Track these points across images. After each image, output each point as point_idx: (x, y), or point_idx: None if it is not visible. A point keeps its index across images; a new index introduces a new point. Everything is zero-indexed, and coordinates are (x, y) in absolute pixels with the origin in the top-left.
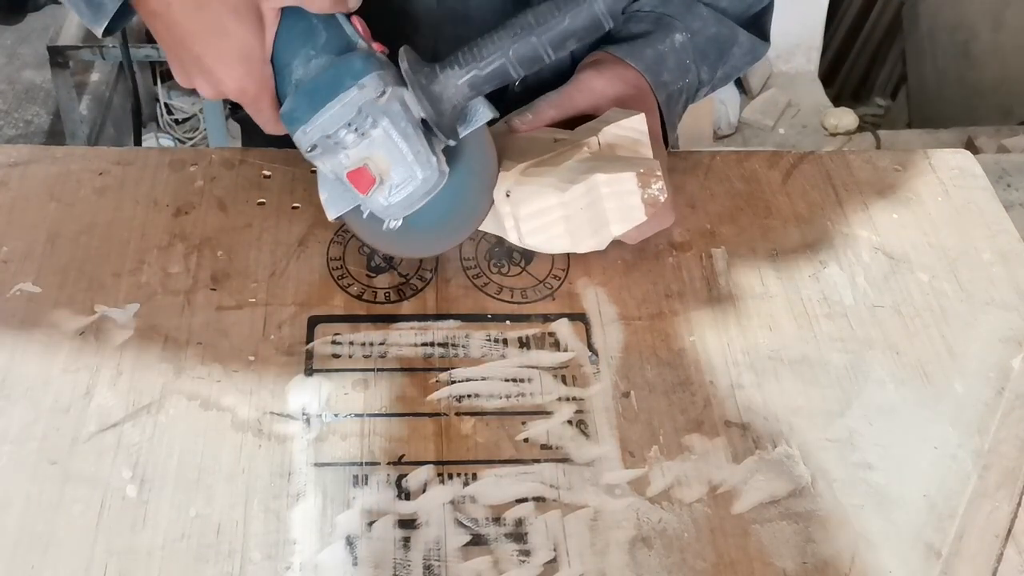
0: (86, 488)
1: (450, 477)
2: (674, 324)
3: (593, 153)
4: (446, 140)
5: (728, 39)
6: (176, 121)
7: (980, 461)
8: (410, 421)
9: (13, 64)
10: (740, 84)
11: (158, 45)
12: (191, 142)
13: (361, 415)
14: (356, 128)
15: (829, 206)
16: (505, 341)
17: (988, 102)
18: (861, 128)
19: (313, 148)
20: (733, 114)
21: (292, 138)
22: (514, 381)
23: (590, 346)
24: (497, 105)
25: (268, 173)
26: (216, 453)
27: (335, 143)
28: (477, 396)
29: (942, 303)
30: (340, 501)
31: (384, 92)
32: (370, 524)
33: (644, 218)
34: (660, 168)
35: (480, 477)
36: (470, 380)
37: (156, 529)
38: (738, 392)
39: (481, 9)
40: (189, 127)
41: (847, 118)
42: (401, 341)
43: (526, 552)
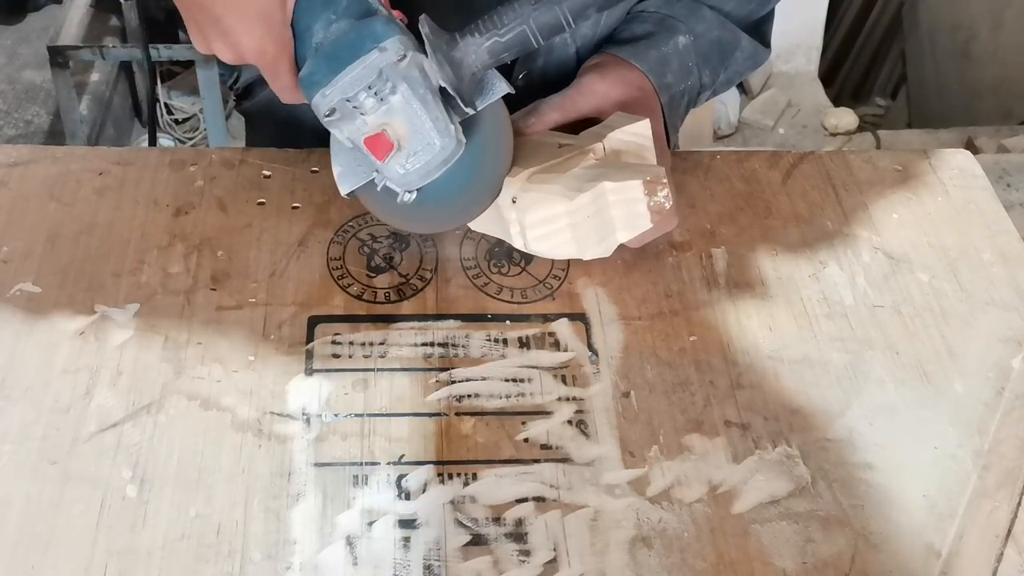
0: (86, 488)
1: (450, 477)
2: (674, 324)
3: (599, 160)
4: (465, 109)
5: (731, 43)
6: (176, 121)
7: (980, 461)
8: (410, 421)
9: (13, 64)
10: (740, 84)
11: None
12: (191, 142)
13: (361, 415)
14: (376, 92)
15: (829, 206)
16: (505, 341)
17: (988, 102)
18: (861, 128)
19: (332, 112)
20: (733, 114)
21: (311, 104)
22: (514, 381)
23: (590, 346)
24: None
25: (268, 173)
26: (216, 453)
27: (354, 107)
28: (477, 396)
29: (942, 303)
30: (340, 501)
31: (405, 56)
32: (370, 524)
33: (650, 225)
34: (666, 175)
35: (480, 477)
36: (470, 380)
37: (156, 529)
38: (738, 392)
39: None
40: (189, 127)
41: (847, 118)
42: (401, 341)
43: (526, 552)
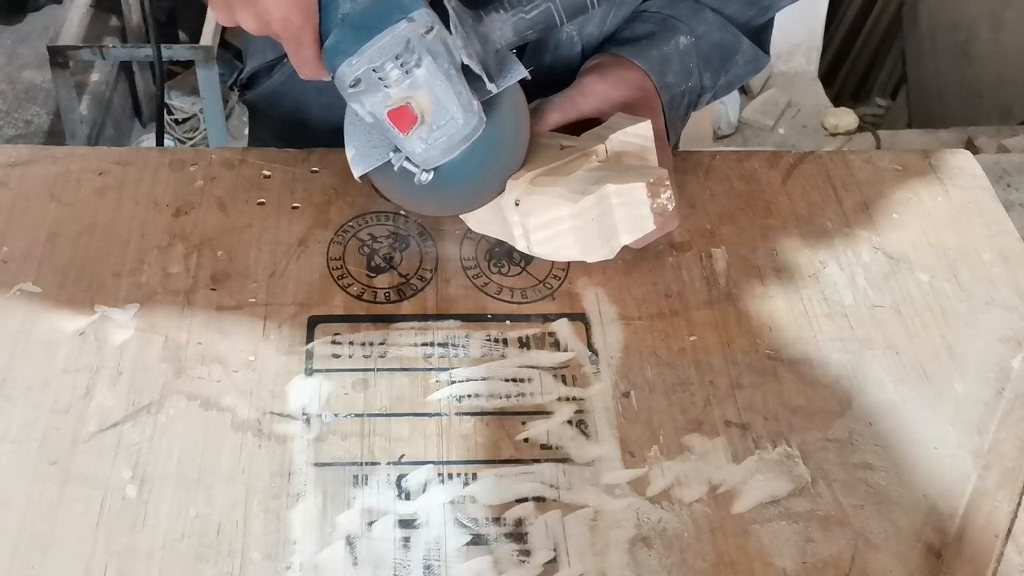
0: (86, 488)
1: (450, 477)
2: (674, 324)
3: (601, 161)
4: (488, 86)
5: (732, 46)
6: (176, 121)
7: (980, 461)
8: (410, 421)
9: (13, 64)
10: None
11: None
12: (191, 142)
13: (361, 415)
14: (403, 64)
15: (829, 206)
16: (505, 341)
17: (988, 102)
18: (861, 128)
19: (356, 83)
20: (733, 114)
21: (333, 76)
22: (514, 381)
23: (590, 346)
24: None
25: (268, 173)
26: (216, 453)
27: (379, 78)
28: (477, 396)
29: (942, 303)
30: (340, 501)
31: (432, 29)
32: (370, 524)
33: (653, 227)
34: (669, 177)
35: (480, 477)
36: (470, 380)
37: (156, 529)
38: (738, 392)
39: None
40: (189, 127)
41: (847, 118)
42: (401, 341)
43: (526, 552)
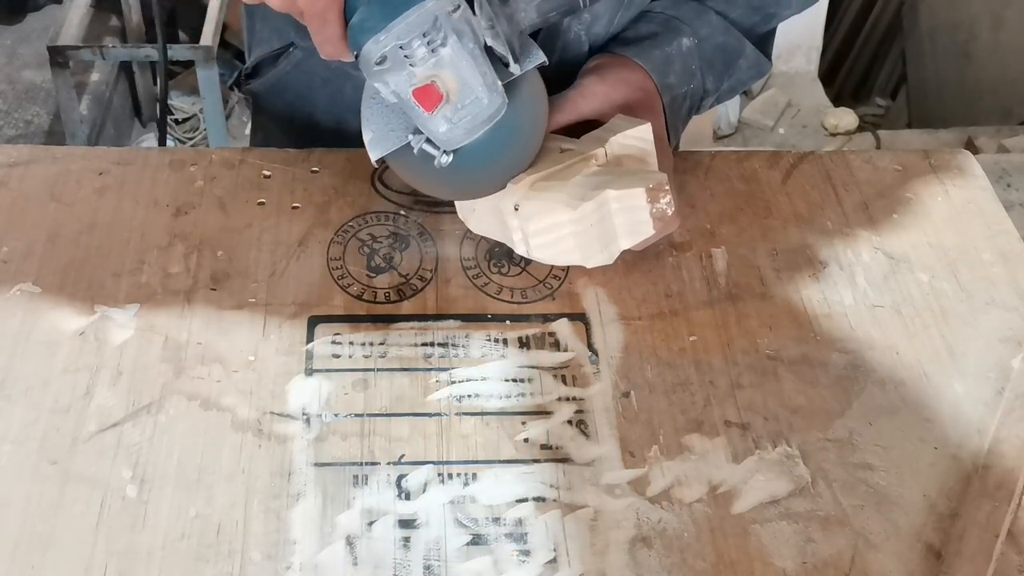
0: (86, 488)
1: (450, 477)
2: (674, 324)
3: (601, 165)
4: (512, 66)
5: (735, 50)
6: (176, 121)
7: (980, 461)
8: (410, 421)
9: (13, 64)
10: None
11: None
12: (191, 142)
13: (361, 415)
14: (429, 41)
15: (829, 206)
16: (505, 341)
17: (988, 102)
18: (861, 128)
19: (382, 61)
20: (733, 114)
21: (358, 55)
22: (514, 381)
23: (590, 346)
24: None
25: (268, 173)
26: (216, 453)
27: (405, 56)
28: (477, 396)
29: (942, 303)
30: (340, 501)
31: (458, 7)
32: (370, 524)
33: (653, 232)
34: (668, 181)
35: (480, 477)
36: (470, 380)
37: (156, 529)
38: (738, 392)
39: None
40: (189, 127)
41: (847, 118)
42: (401, 341)
43: (526, 552)
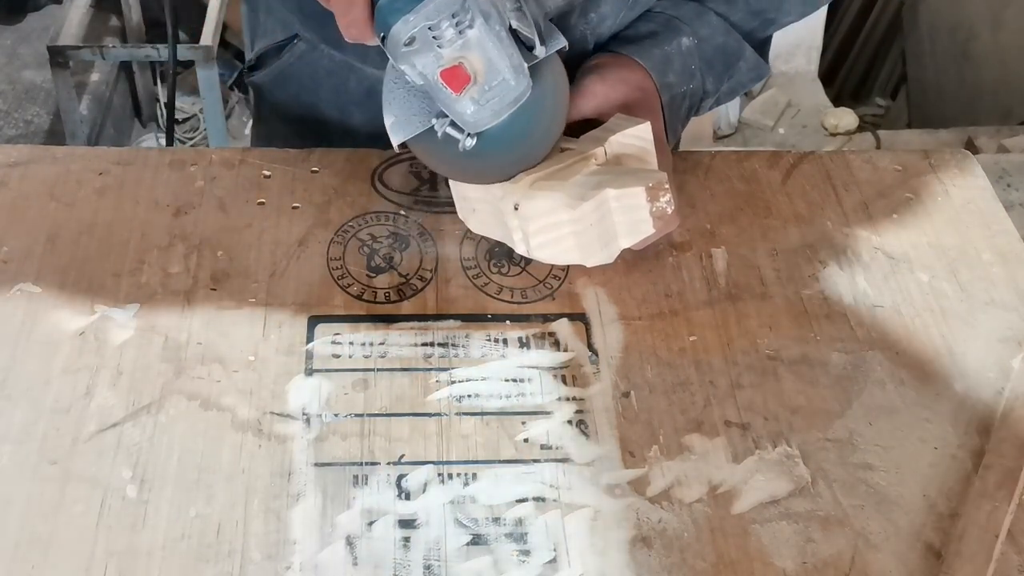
0: (86, 488)
1: (450, 477)
2: (674, 324)
3: (600, 165)
4: (538, 49)
5: (735, 52)
6: (176, 121)
7: (980, 461)
8: (410, 421)
9: (13, 64)
10: None
11: (158, 45)
12: (191, 142)
13: (361, 415)
14: (458, 22)
15: (829, 206)
16: (505, 341)
17: (988, 102)
18: (861, 128)
19: (411, 42)
20: (733, 114)
21: (385, 37)
22: (514, 381)
23: (590, 346)
24: None
25: (268, 173)
26: (216, 453)
27: (434, 37)
28: (477, 396)
29: (942, 303)
30: (340, 501)
31: None
32: (370, 524)
33: (653, 231)
34: (668, 180)
35: (480, 477)
36: (470, 380)
37: (156, 529)
38: (738, 392)
39: None
40: (189, 127)
41: (847, 118)
42: (401, 341)
43: (526, 552)
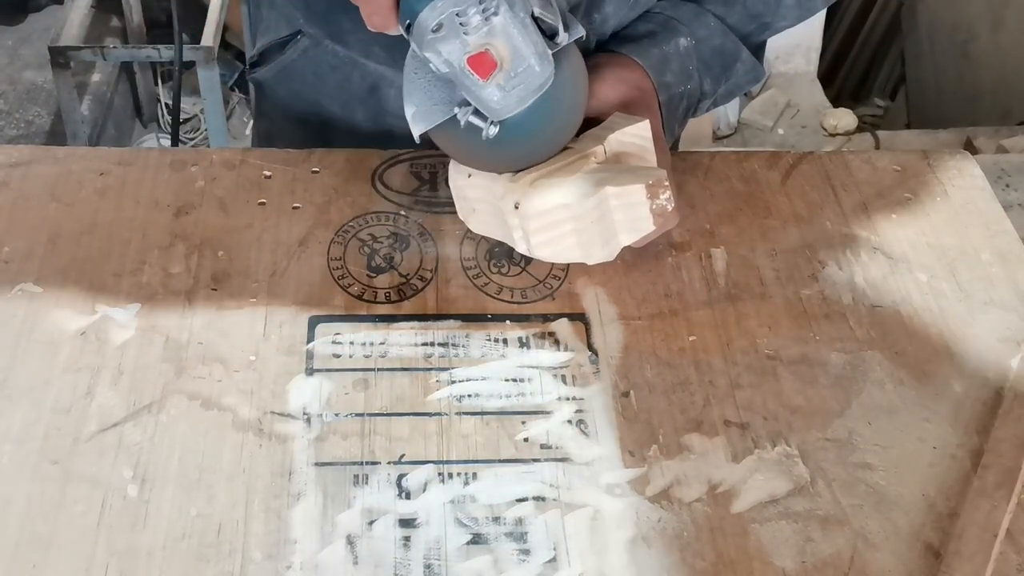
0: (87, 488)
1: (450, 477)
2: (674, 324)
3: (600, 163)
4: (561, 36)
5: (733, 53)
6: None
7: (980, 461)
8: (410, 421)
9: (14, 64)
10: None
11: (159, 46)
12: (192, 142)
13: (361, 415)
14: (484, 9)
15: (828, 206)
16: (505, 341)
17: (987, 102)
18: (860, 128)
19: (438, 28)
20: (732, 115)
21: (411, 25)
22: (514, 381)
23: (590, 346)
24: None
25: (268, 173)
26: (217, 453)
27: (461, 23)
28: (477, 396)
29: (941, 303)
30: (341, 500)
31: None
32: (370, 523)
33: (653, 228)
34: (668, 178)
35: (480, 477)
36: (470, 380)
37: (157, 529)
38: (737, 392)
39: None
40: (190, 127)
41: (846, 118)
42: (401, 341)
43: (526, 551)
